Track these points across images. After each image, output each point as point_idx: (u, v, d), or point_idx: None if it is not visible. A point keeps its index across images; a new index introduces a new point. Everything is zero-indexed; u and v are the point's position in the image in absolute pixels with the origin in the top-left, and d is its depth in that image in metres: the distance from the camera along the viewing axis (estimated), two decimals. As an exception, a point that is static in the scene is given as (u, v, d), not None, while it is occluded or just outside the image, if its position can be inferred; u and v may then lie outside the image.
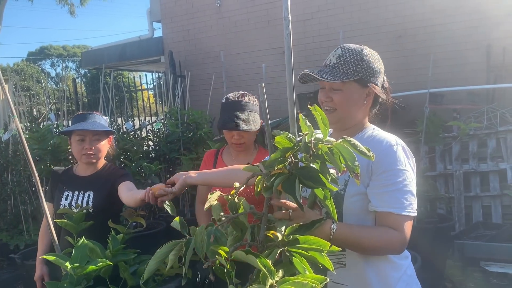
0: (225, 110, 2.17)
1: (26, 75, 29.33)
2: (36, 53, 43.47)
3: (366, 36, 6.05)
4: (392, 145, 1.41)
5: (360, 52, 1.46)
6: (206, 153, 2.41)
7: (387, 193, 1.36)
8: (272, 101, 6.64)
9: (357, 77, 1.44)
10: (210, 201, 1.27)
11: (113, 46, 8.66)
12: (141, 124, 6.09)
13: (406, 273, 1.49)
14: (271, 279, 0.93)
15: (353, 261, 1.43)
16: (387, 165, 1.37)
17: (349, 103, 1.47)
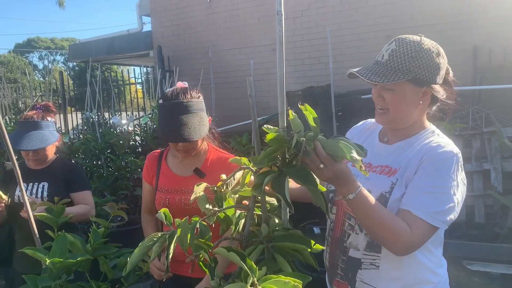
0: (165, 115, 1.76)
1: (13, 67, 28.90)
2: (23, 45, 42.83)
3: (355, 35, 6.08)
4: (445, 152, 1.27)
5: (417, 45, 1.29)
6: (149, 155, 2.04)
7: (417, 193, 1.26)
8: (261, 98, 6.64)
9: (411, 77, 1.28)
10: (196, 192, 1.26)
11: (101, 40, 8.56)
12: (128, 118, 6.04)
13: (442, 281, 1.42)
14: (253, 277, 0.92)
15: (387, 265, 1.34)
16: (431, 168, 1.26)
17: (402, 104, 1.33)
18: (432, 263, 1.38)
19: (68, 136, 5.73)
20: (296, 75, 6.56)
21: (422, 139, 1.36)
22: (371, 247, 1.35)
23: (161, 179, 1.92)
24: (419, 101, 1.34)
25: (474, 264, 3.99)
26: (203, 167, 1.87)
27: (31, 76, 9.62)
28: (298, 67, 6.60)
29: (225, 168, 1.72)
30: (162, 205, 1.82)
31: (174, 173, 1.91)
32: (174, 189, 1.86)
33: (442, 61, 1.34)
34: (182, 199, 1.81)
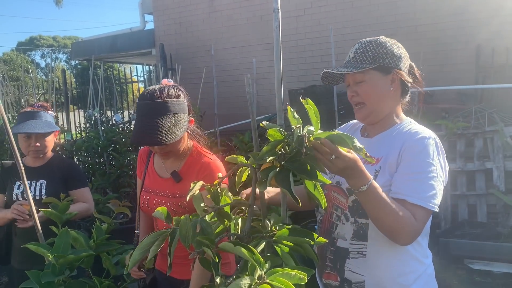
0: (138, 115, 1.64)
1: (15, 65, 28.97)
2: (25, 43, 42.92)
3: (357, 33, 6.07)
4: (424, 137, 1.36)
5: (376, 41, 1.44)
6: (140, 151, 1.97)
7: (405, 181, 1.32)
8: (263, 96, 6.65)
9: (376, 64, 1.40)
10: (194, 190, 1.26)
11: (104, 38, 8.57)
12: (131, 116, 6.06)
13: (427, 271, 1.45)
14: (260, 270, 0.93)
15: (373, 253, 1.40)
16: (413, 155, 1.34)
17: (375, 93, 1.42)
18: (418, 253, 1.42)
19: (71, 134, 5.75)
20: (298, 73, 6.56)
21: (400, 129, 1.44)
22: (357, 236, 1.40)
23: (146, 178, 1.84)
24: (390, 87, 1.43)
25: (476, 263, 3.99)
26: (181, 170, 1.75)
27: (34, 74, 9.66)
28: (300, 65, 6.60)
29: (202, 173, 1.67)
30: (143, 206, 1.78)
31: (157, 174, 1.81)
32: (154, 191, 1.77)
33: (403, 52, 1.47)
34: (158, 202, 1.72)
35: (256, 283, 0.89)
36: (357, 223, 1.40)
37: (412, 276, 1.40)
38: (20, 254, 2.35)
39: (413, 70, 1.52)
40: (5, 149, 5.16)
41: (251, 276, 0.90)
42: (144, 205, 1.78)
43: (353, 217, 1.41)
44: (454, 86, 5.23)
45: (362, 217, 1.40)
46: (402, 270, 1.39)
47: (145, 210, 1.80)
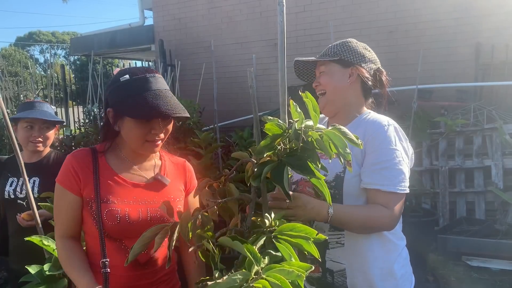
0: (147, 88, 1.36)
1: (14, 60, 28.90)
2: (24, 38, 42.78)
3: (357, 30, 6.06)
4: (383, 125, 1.45)
5: (345, 41, 1.59)
6: (75, 154, 1.46)
7: (375, 171, 1.40)
8: (263, 92, 6.64)
9: (337, 58, 1.54)
10: (200, 186, 1.27)
11: (103, 33, 8.54)
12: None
13: (402, 255, 1.53)
14: (257, 266, 0.93)
15: (351, 241, 1.47)
16: (377, 144, 1.42)
17: (333, 83, 1.55)
18: (392, 235, 1.50)
19: (70, 129, 5.74)
20: (298, 70, 6.55)
21: (360, 120, 1.54)
22: (334, 227, 1.46)
23: (106, 188, 1.41)
24: (347, 80, 1.55)
25: (474, 260, 4.01)
26: (162, 171, 1.52)
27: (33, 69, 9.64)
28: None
29: (181, 175, 1.56)
30: (117, 221, 1.37)
31: (127, 180, 1.45)
32: (133, 200, 1.42)
33: (368, 54, 1.58)
34: (147, 212, 1.42)
35: (252, 278, 0.89)
36: None
37: (391, 257, 1.49)
38: (16, 253, 2.32)
39: (381, 74, 1.60)
40: (4, 144, 5.16)
41: (248, 271, 0.90)
42: (120, 220, 1.38)
43: None
44: (453, 84, 5.24)
45: None
46: (380, 253, 1.47)
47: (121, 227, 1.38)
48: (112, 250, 1.38)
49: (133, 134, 1.39)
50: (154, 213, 1.42)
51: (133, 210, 1.40)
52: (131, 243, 1.27)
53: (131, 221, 1.38)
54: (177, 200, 1.50)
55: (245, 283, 0.90)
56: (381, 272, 1.47)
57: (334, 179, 1.46)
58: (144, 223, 1.39)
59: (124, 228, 1.37)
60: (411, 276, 1.59)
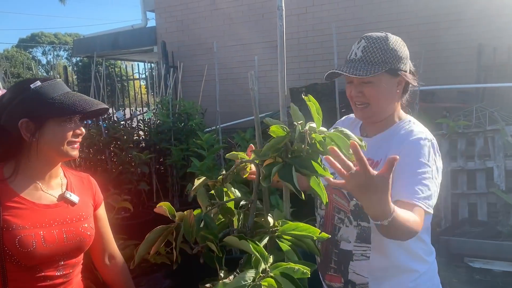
0: (54, 91, 1.34)
1: (16, 62, 29.02)
2: (27, 40, 42.93)
3: (360, 32, 6.01)
4: (420, 138, 1.35)
5: (386, 40, 1.40)
6: None
7: (403, 183, 1.31)
8: (265, 94, 6.65)
9: (387, 68, 1.37)
10: (196, 187, 1.28)
11: (106, 35, 8.58)
12: (132, 113, 6.07)
13: (431, 268, 1.46)
14: (264, 264, 0.94)
15: (377, 255, 1.40)
16: (410, 156, 1.33)
17: (382, 95, 1.41)
18: (422, 251, 1.43)
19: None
20: (300, 71, 6.56)
21: (399, 129, 1.43)
22: (361, 239, 1.40)
23: (10, 215, 1.28)
24: (396, 90, 1.43)
25: (476, 262, 4.00)
26: (68, 189, 1.45)
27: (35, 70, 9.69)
28: (302, 63, 6.60)
29: (87, 190, 1.54)
30: (33, 247, 1.27)
31: (35, 202, 1.35)
32: (46, 222, 1.34)
33: (407, 51, 1.46)
34: (63, 233, 1.35)
35: (260, 276, 0.91)
36: (360, 226, 1.41)
37: (415, 275, 1.40)
38: None
39: (412, 69, 1.50)
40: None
41: (256, 269, 0.92)
42: (36, 245, 1.28)
43: (356, 221, 1.42)
44: (455, 85, 5.24)
45: (364, 221, 1.40)
46: (405, 269, 1.40)
47: (37, 253, 1.29)
48: (28, 280, 1.30)
49: (57, 139, 1.34)
50: (70, 233, 1.37)
51: (48, 233, 1.32)
52: (47, 267, 1.31)
53: (47, 245, 1.30)
54: (88, 217, 1.46)
55: (252, 282, 0.91)
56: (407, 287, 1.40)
57: None
58: (60, 245, 1.34)
59: (39, 254, 1.28)
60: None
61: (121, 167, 4.23)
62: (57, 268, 1.35)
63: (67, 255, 1.37)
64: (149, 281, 3.45)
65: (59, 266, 1.35)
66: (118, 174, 4.21)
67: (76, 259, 1.43)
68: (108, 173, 4.19)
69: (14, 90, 1.36)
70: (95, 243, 1.51)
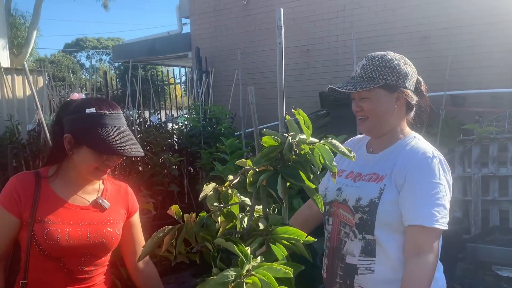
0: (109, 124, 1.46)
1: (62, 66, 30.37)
2: (72, 45, 44.78)
3: (390, 36, 6.05)
4: (428, 157, 1.39)
5: (383, 58, 1.46)
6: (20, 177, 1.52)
7: (418, 206, 1.35)
8: (295, 98, 6.73)
9: (382, 83, 1.43)
10: (206, 191, 1.40)
11: (143, 41, 8.92)
12: (167, 117, 6.31)
13: (438, 284, 1.47)
14: (248, 264, 1.04)
15: (381, 269, 1.41)
16: (421, 177, 1.37)
17: (379, 110, 1.46)
18: None
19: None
20: (330, 75, 6.61)
21: (404, 145, 1.48)
22: (365, 252, 1.43)
23: (45, 209, 1.46)
24: (394, 105, 1.47)
25: (504, 270, 3.93)
26: (103, 195, 1.60)
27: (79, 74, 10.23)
28: (332, 67, 6.64)
29: (122, 199, 1.65)
30: (57, 240, 1.43)
31: (69, 202, 1.51)
32: (74, 221, 1.48)
33: (409, 69, 1.48)
34: (87, 232, 1.48)
35: (244, 275, 1.01)
36: (364, 240, 1.43)
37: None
38: None
39: (420, 85, 1.53)
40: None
41: (240, 269, 1.02)
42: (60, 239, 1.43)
43: (361, 234, 1.43)
44: (487, 90, 5.14)
45: (369, 234, 1.42)
46: None
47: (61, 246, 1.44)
48: (51, 268, 1.45)
49: (87, 163, 1.47)
50: (94, 233, 1.50)
51: (73, 230, 1.46)
52: (70, 261, 1.46)
53: (70, 241, 1.44)
54: (115, 223, 1.57)
55: (237, 279, 1.02)
56: None
57: (368, 204, 1.42)
58: (83, 243, 1.47)
59: (62, 248, 1.43)
60: None
61: (152, 169, 4.42)
62: (79, 263, 1.48)
63: (90, 253, 1.50)
64: (177, 279, 3.61)
65: (81, 262, 1.48)
66: (150, 176, 4.40)
67: (100, 259, 1.54)
68: (140, 175, 4.40)
69: (77, 105, 1.51)
70: (128, 248, 1.64)
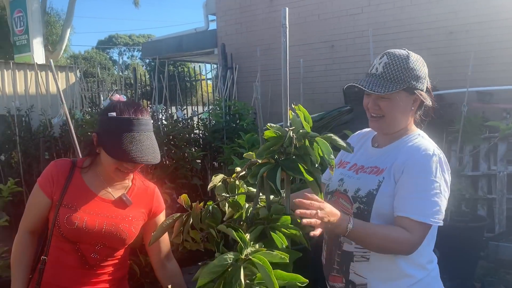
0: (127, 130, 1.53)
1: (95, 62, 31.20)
2: (105, 41, 45.84)
3: (416, 31, 5.98)
4: (428, 155, 1.42)
5: (407, 60, 1.46)
6: (57, 162, 1.68)
7: (411, 199, 1.39)
8: (319, 94, 6.75)
9: (405, 86, 1.45)
10: (214, 182, 1.49)
11: (171, 38, 9.10)
12: (193, 113, 6.45)
13: (430, 275, 1.52)
14: (245, 249, 1.12)
15: (377, 257, 1.46)
16: (418, 172, 1.40)
17: (397, 111, 1.49)
18: (422, 258, 1.48)
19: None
20: (355, 71, 6.58)
21: (407, 141, 1.51)
22: None
23: (72, 195, 1.60)
24: (411, 107, 1.51)
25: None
26: (129, 193, 1.69)
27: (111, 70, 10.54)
28: (357, 63, 6.61)
29: (147, 200, 1.72)
30: (75, 226, 1.55)
31: (95, 193, 1.64)
32: (94, 211, 1.60)
33: (426, 71, 1.52)
34: (103, 224, 1.59)
35: (242, 259, 1.09)
36: None
37: (413, 281, 1.46)
38: None
39: (428, 85, 1.56)
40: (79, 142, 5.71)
41: (239, 253, 1.10)
42: (77, 226, 1.55)
43: None
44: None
45: None
46: (402, 275, 1.46)
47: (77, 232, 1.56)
48: (67, 250, 1.59)
49: (107, 162, 1.58)
50: (110, 226, 1.59)
51: (90, 220, 1.57)
52: (85, 247, 1.58)
53: (86, 229, 1.56)
54: (134, 220, 1.65)
55: (235, 262, 1.10)
56: None
57: (366, 195, 1.47)
58: (98, 233, 1.57)
59: (79, 234, 1.55)
60: None
61: (176, 163, 4.56)
62: (93, 250, 1.59)
63: (104, 244, 1.60)
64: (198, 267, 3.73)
65: (95, 250, 1.59)
66: (174, 169, 4.54)
67: (114, 251, 1.64)
68: (164, 168, 4.54)
69: (106, 107, 1.63)
70: (153, 247, 1.68)
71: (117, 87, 9.44)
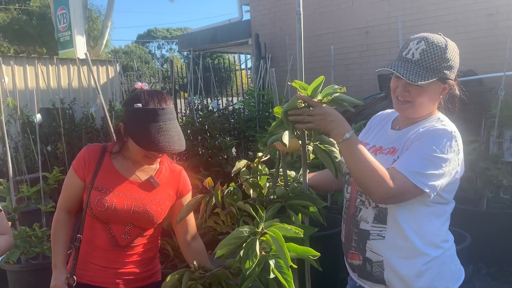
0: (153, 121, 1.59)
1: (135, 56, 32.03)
2: (144, 35, 46.87)
3: (454, 14, 5.80)
4: (442, 130, 1.43)
5: (445, 49, 1.43)
6: (89, 147, 1.79)
7: (405, 156, 1.42)
8: (354, 81, 6.69)
9: (440, 76, 1.44)
10: (238, 166, 1.57)
11: (206, 30, 9.23)
12: (227, 103, 6.57)
13: (445, 254, 1.54)
14: (261, 223, 1.19)
15: (392, 235, 1.48)
16: (424, 139, 1.42)
17: (427, 99, 1.49)
18: (437, 237, 1.51)
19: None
20: (389, 57, 6.46)
21: (426, 122, 1.52)
22: (378, 219, 1.51)
23: (102, 179, 1.70)
24: (439, 95, 1.52)
25: None
26: (156, 175, 1.78)
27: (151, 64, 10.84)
28: (392, 49, 6.49)
29: (174, 181, 1.79)
30: (105, 208, 1.66)
31: (124, 177, 1.73)
32: (123, 194, 1.70)
33: (458, 59, 1.50)
34: (132, 206, 1.68)
35: (258, 232, 1.16)
36: (377, 208, 1.51)
37: (428, 259, 1.48)
38: None
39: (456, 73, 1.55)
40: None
41: (255, 227, 1.17)
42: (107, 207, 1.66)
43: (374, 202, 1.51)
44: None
45: None
46: (417, 253, 1.48)
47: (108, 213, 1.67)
48: (99, 230, 1.70)
49: (135, 151, 1.68)
50: (138, 207, 1.68)
51: (120, 202, 1.67)
52: (115, 227, 1.68)
53: (116, 210, 1.66)
54: (161, 202, 1.74)
55: (252, 236, 1.17)
56: (419, 270, 1.49)
57: None
58: (127, 214, 1.67)
59: (109, 215, 1.66)
60: (455, 274, 1.58)
61: (210, 151, 4.68)
62: (123, 231, 1.70)
63: (133, 224, 1.70)
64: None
65: (125, 230, 1.70)
66: (208, 157, 4.66)
67: (144, 231, 1.74)
68: (199, 157, 4.68)
69: (130, 98, 1.70)
70: (179, 226, 1.78)
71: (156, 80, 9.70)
